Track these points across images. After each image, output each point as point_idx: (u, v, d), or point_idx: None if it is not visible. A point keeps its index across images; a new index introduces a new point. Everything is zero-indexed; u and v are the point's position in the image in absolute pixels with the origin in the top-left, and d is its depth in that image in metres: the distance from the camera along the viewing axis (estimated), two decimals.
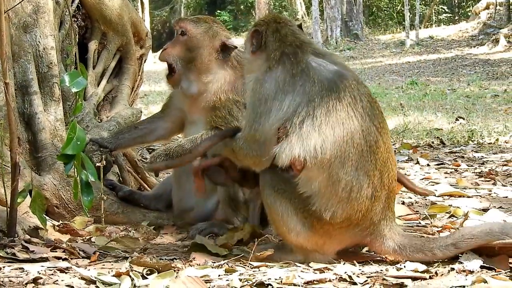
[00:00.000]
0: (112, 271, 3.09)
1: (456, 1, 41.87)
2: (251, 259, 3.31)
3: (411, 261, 3.18)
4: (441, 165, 6.73)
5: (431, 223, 4.18)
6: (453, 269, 3.05)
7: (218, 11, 41.38)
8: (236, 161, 3.52)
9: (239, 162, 3.51)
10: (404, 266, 3.14)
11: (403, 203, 4.86)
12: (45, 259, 3.31)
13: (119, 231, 4.11)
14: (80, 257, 3.46)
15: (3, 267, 3.13)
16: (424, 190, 4.22)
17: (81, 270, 3.10)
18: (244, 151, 3.39)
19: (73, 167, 3.45)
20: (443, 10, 40.06)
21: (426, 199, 5.01)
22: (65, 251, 3.50)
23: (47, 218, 3.95)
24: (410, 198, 5.06)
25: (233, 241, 3.75)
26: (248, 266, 3.24)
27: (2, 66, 3.51)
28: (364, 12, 36.84)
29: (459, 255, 3.16)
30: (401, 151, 7.78)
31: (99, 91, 5.14)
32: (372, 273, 3.09)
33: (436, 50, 29.10)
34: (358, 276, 3.03)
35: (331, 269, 3.15)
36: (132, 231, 4.04)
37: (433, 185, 5.58)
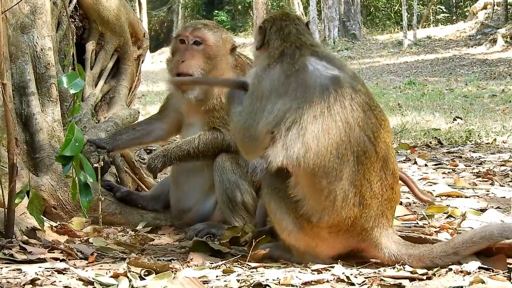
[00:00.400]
0: (110, 272, 3.09)
1: (453, 1, 41.90)
2: (249, 260, 3.32)
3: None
4: (439, 165, 6.74)
5: (429, 223, 4.18)
6: (451, 269, 3.05)
7: (216, 11, 41.37)
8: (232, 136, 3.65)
9: (234, 139, 3.63)
10: (402, 267, 3.14)
11: (401, 203, 4.86)
12: (43, 260, 3.30)
13: (117, 232, 4.11)
14: (78, 258, 3.45)
15: (1, 268, 3.12)
16: (427, 198, 4.20)
17: (78, 271, 3.10)
18: (237, 135, 3.44)
19: (71, 168, 3.45)
20: (441, 10, 40.09)
21: None
22: (62, 252, 3.50)
23: (45, 219, 3.95)
24: (408, 198, 5.06)
25: (241, 241, 3.76)
26: (246, 267, 3.25)
27: None
28: (362, 12, 36.86)
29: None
30: (399, 151, 7.78)
31: (96, 91, 5.14)
32: (369, 274, 3.09)
33: (434, 50, 29.12)
34: (356, 277, 3.03)
35: (329, 269, 3.15)
36: (129, 236, 4.03)
37: (431, 185, 5.59)
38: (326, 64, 3.28)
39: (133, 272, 3.08)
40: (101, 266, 3.33)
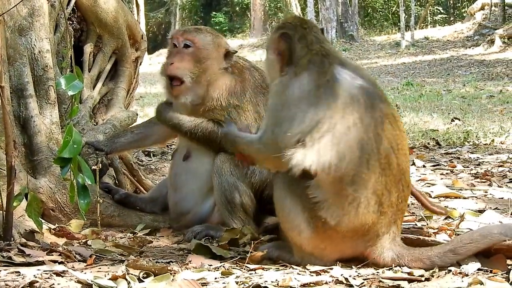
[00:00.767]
0: (108, 275, 3.09)
1: (451, 2, 41.97)
2: (247, 262, 3.32)
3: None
4: (437, 166, 6.74)
5: (427, 224, 4.18)
6: (449, 271, 3.05)
7: (213, 13, 41.37)
8: (256, 162, 3.54)
9: (259, 164, 3.56)
10: (400, 268, 3.14)
11: None
12: (41, 263, 3.30)
13: (115, 234, 4.11)
14: (76, 260, 3.45)
15: None
16: (440, 210, 4.20)
17: (77, 273, 3.10)
18: (265, 154, 3.36)
19: (69, 170, 3.45)
20: (438, 11, 40.16)
21: None
22: (61, 254, 3.49)
23: (43, 221, 3.95)
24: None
25: (240, 243, 3.76)
26: (245, 269, 3.25)
27: None
28: (360, 13, 36.90)
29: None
30: None
31: (94, 94, 5.14)
32: (368, 275, 3.10)
33: (432, 51, 29.15)
34: (354, 279, 3.03)
35: (327, 271, 3.15)
36: (127, 238, 4.03)
37: (429, 186, 5.59)
38: (352, 74, 3.30)
39: (132, 274, 3.08)
40: (100, 268, 3.32)
